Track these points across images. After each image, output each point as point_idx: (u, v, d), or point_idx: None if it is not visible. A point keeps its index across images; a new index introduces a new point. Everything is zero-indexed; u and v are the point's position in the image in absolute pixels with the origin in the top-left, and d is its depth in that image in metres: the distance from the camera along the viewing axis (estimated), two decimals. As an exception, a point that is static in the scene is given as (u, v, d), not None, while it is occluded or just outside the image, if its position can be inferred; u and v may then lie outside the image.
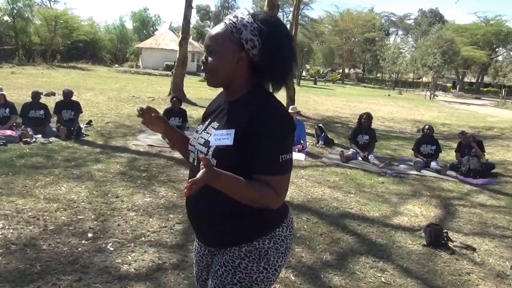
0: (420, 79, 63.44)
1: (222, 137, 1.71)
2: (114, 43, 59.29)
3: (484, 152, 9.11)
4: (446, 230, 4.98)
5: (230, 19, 1.72)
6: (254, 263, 1.77)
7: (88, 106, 11.62)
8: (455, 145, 9.66)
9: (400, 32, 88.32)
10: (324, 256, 4.28)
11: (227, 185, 1.60)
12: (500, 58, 67.23)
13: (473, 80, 72.71)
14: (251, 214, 1.74)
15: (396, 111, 23.34)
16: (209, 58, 1.73)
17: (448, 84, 67.56)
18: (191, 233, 4.52)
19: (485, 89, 67.97)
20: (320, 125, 10.86)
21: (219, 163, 1.66)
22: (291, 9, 20.97)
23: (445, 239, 4.87)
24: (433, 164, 8.63)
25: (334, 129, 13.31)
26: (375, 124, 14.09)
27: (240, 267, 1.78)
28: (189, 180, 1.53)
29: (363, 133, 9.28)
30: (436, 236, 4.82)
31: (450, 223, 5.61)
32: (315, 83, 49.42)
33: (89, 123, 10.15)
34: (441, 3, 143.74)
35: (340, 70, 70.89)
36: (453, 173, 8.43)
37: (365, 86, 58.33)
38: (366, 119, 9.33)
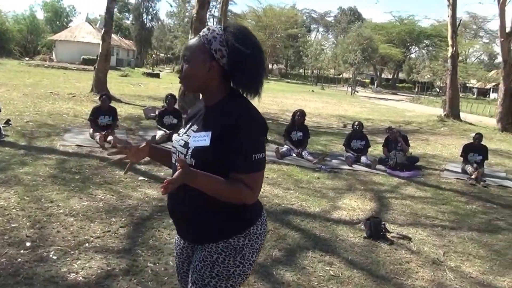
0: (341, 75, 65.71)
1: (200, 138, 1.85)
2: (23, 35, 55.83)
3: (409, 146, 9.62)
4: (384, 222, 5.22)
5: (204, 32, 1.90)
6: (230, 257, 1.90)
7: (2, 104, 10.85)
8: (380, 139, 10.14)
9: (321, 29, 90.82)
10: (274, 253, 4.33)
11: (203, 183, 1.76)
12: (413, 55, 71.20)
13: (389, 77, 76.36)
14: (228, 213, 1.88)
15: (321, 107, 24.01)
16: (184, 66, 1.91)
17: (367, 80, 70.47)
18: (137, 236, 4.42)
19: (400, 85, 71.63)
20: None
21: (197, 163, 1.82)
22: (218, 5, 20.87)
23: (384, 230, 5.10)
24: (363, 158, 8.97)
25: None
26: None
27: (218, 261, 1.90)
28: (166, 179, 1.67)
29: (297, 129, 9.45)
30: (375, 228, 5.03)
31: (385, 215, 5.88)
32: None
33: (7, 122, 9.45)
34: (360, 2, 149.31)
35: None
36: (382, 167, 8.82)
37: (288, 82, 59.37)
38: (300, 116, 9.50)
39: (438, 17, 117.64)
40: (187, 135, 1.94)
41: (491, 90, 67.47)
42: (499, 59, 78.61)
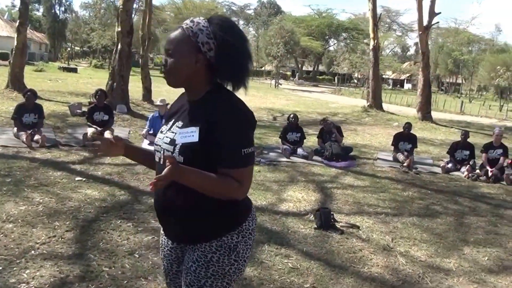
0: (263, 68, 66.35)
1: (187, 134, 1.80)
2: None
3: (343, 137, 9.91)
4: (332, 212, 5.33)
5: (187, 24, 1.82)
6: (225, 256, 1.86)
7: None
8: (311, 131, 10.35)
9: (241, 22, 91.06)
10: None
11: (192, 180, 1.72)
12: (331, 48, 73.42)
13: (310, 69, 78.19)
14: (220, 210, 1.84)
15: (249, 100, 23.53)
16: (168, 60, 1.83)
17: (288, 73, 71.72)
18: (85, 240, 4.20)
19: (320, 77, 73.61)
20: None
21: (186, 160, 1.77)
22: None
23: (333, 220, 5.20)
24: (299, 150, 9.12)
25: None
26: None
27: (213, 260, 1.86)
28: (156, 176, 1.63)
29: (294, 130, 9.60)
30: (325, 219, 5.12)
31: (330, 205, 6.00)
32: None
33: None
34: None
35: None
36: (318, 158, 9.01)
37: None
38: (293, 117, 9.66)
39: (355, 11, 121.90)
40: (172, 132, 1.87)
41: (406, 80, 71.30)
42: (412, 51, 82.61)
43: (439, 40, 67.05)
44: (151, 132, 8.66)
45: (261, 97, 27.18)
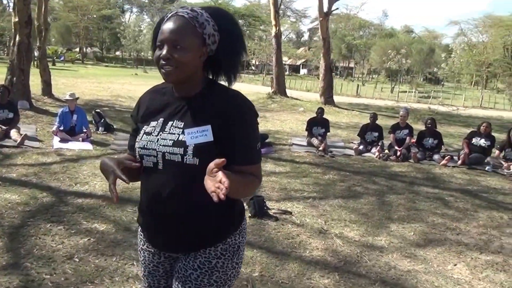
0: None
1: (198, 134, 1.65)
2: None
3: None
4: (265, 200, 5.36)
5: (189, 13, 1.65)
6: (229, 260, 1.77)
7: None
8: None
9: (135, 10, 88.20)
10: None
11: (234, 184, 1.47)
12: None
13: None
14: (223, 211, 1.72)
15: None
16: (176, 53, 1.62)
17: (186, 61, 70.70)
18: (17, 248, 3.88)
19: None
20: (98, 110, 10.24)
21: (201, 162, 1.61)
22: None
23: (266, 208, 5.24)
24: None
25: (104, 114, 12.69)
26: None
27: (217, 266, 1.75)
28: (221, 181, 1.38)
29: None
30: (259, 206, 5.14)
31: (259, 193, 6.04)
32: (54, 64, 45.77)
33: None
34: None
35: (78, 49, 67.38)
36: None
37: (107, 66, 56.68)
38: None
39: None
40: (172, 133, 1.69)
41: (301, 66, 73.57)
42: (305, 37, 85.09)
43: (332, 26, 69.99)
44: (61, 128, 8.14)
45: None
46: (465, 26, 52.60)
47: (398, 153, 8.87)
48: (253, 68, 68.96)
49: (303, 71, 71.22)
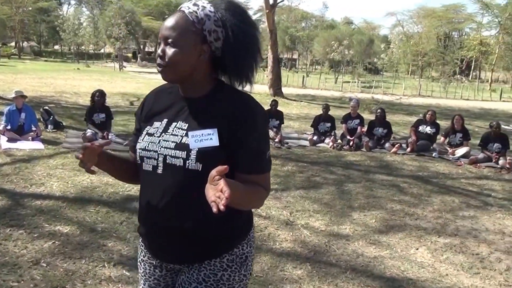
0: (102, 50, 63.17)
1: (203, 138, 1.53)
2: None
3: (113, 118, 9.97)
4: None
5: (190, 8, 1.54)
6: (236, 272, 1.65)
7: None
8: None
9: (73, 2, 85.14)
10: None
11: (238, 195, 1.39)
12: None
13: (152, 50, 76.55)
14: (231, 219, 1.60)
15: (98, 85, 22.51)
16: (168, 51, 1.53)
17: (129, 54, 69.30)
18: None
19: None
20: (46, 108, 9.85)
21: (204, 168, 1.49)
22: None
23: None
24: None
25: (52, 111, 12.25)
26: (85, 101, 13.66)
27: (223, 279, 1.64)
28: (222, 190, 1.27)
29: (98, 111, 8.92)
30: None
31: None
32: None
33: None
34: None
35: (13, 44, 64.37)
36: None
37: (46, 61, 54.43)
38: (98, 96, 8.97)
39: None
40: (175, 135, 1.58)
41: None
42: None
43: (275, 18, 70.49)
44: (8, 127, 7.80)
45: (109, 82, 25.94)
46: (401, 17, 54.61)
47: (351, 143, 9.13)
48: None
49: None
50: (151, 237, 1.69)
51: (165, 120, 1.63)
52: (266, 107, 10.43)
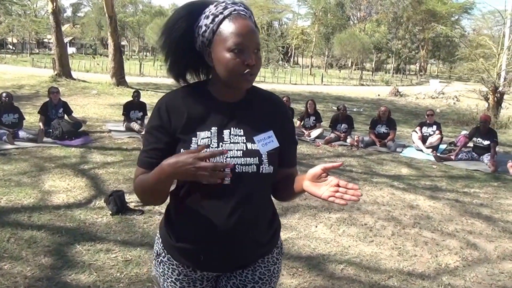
0: None
1: (267, 141, 1.56)
2: None
3: (72, 112, 9.31)
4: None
5: (247, 12, 1.51)
6: (280, 262, 1.75)
7: None
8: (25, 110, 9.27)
9: None
10: (45, 260, 3.74)
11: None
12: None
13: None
14: (276, 214, 1.73)
15: None
16: (257, 59, 1.49)
17: None
18: None
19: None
20: None
21: (275, 169, 1.57)
22: None
23: (126, 202, 5.02)
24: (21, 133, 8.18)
25: None
26: None
27: (275, 272, 1.71)
28: (347, 186, 1.39)
29: (9, 111, 8.35)
30: (121, 202, 4.92)
31: (105, 187, 5.75)
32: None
33: None
34: None
35: None
36: (49, 139, 8.23)
37: None
38: (6, 97, 8.33)
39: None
40: (234, 143, 1.51)
41: (69, 44, 68.84)
42: (69, 12, 79.02)
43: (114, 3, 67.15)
44: None
45: None
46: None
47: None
48: (11, 47, 62.09)
49: (71, 50, 66.79)
50: (211, 250, 1.57)
51: (214, 129, 1.53)
52: (111, 97, 9.99)
